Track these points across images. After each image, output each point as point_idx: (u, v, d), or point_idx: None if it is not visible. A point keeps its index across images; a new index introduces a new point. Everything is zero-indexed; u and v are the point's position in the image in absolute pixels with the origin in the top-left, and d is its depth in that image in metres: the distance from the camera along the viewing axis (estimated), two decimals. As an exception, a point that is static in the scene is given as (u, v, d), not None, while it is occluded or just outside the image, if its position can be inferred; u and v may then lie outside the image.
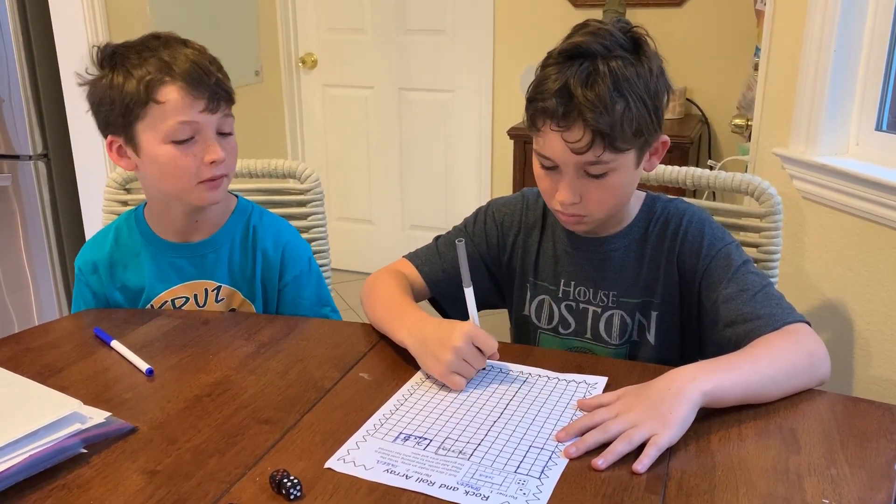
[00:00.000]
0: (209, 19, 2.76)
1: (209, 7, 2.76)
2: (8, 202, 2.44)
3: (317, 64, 3.30)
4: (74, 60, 2.35)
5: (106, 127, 1.13)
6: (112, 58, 1.11)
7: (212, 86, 1.10)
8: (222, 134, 1.14)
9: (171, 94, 1.08)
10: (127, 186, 1.45)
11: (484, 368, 0.98)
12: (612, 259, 1.12)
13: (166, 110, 1.08)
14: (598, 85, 0.94)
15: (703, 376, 0.87)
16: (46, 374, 0.98)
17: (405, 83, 3.19)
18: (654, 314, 1.11)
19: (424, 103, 3.19)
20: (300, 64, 3.31)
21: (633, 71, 0.96)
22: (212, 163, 1.11)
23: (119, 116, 1.10)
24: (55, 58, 2.37)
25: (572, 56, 0.97)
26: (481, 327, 0.98)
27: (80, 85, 1.14)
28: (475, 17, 3.00)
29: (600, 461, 0.78)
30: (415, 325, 1.00)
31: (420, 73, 3.16)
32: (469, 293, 1.00)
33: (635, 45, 0.99)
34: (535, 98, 1.00)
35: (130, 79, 1.08)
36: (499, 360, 0.99)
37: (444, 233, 1.24)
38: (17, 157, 2.39)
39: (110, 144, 1.14)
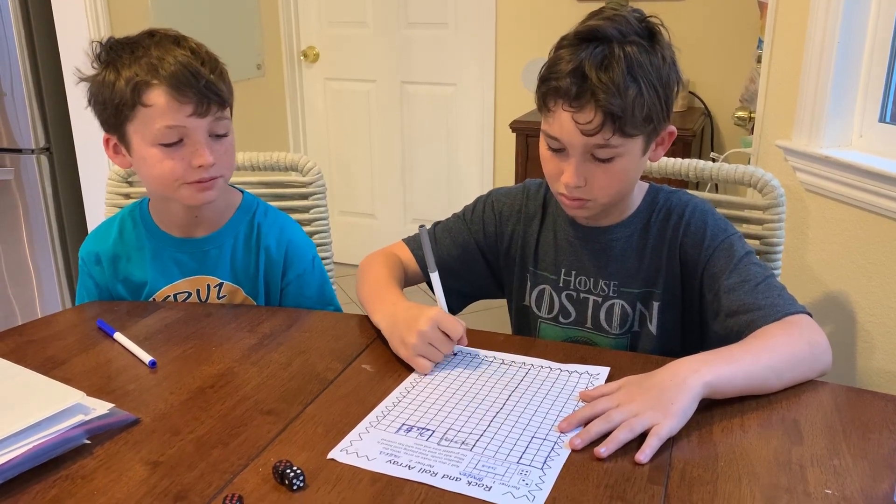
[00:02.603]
0: (210, 13, 2.75)
1: (210, 1, 2.75)
2: (10, 196, 2.45)
3: (319, 57, 3.30)
4: (76, 54, 2.35)
5: (102, 124, 1.13)
6: (108, 54, 1.09)
7: (200, 89, 1.06)
8: (217, 136, 1.11)
9: (157, 97, 1.06)
10: (129, 179, 1.45)
11: (455, 354, 1.01)
12: (614, 249, 1.12)
13: (153, 114, 1.06)
14: (612, 68, 0.94)
15: (704, 368, 0.87)
16: (49, 366, 0.98)
17: (407, 76, 3.19)
18: (655, 304, 1.11)
19: (426, 97, 3.19)
20: (302, 57, 3.30)
21: (647, 58, 0.97)
22: (199, 167, 1.09)
23: (111, 116, 1.09)
24: (57, 52, 2.37)
25: (588, 39, 0.97)
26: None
27: (79, 81, 1.13)
28: (477, 10, 2.99)
29: (602, 449, 0.78)
30: (389, 309, 1.04)
31: (422, 66, 3.15)
32: (435, 278, 1.03)
33: (650, 33, 0.99)
34: (548, 78, 1.00)
35: (119, 79, 1.06)
36: (467, 345, 1.01)
37: (443, 220, 1.24)
38: (19, 151, 2.39)
39: (107, 142, 1.14)
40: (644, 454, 0.78)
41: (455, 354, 1.01)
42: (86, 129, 2.42)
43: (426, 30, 3.10)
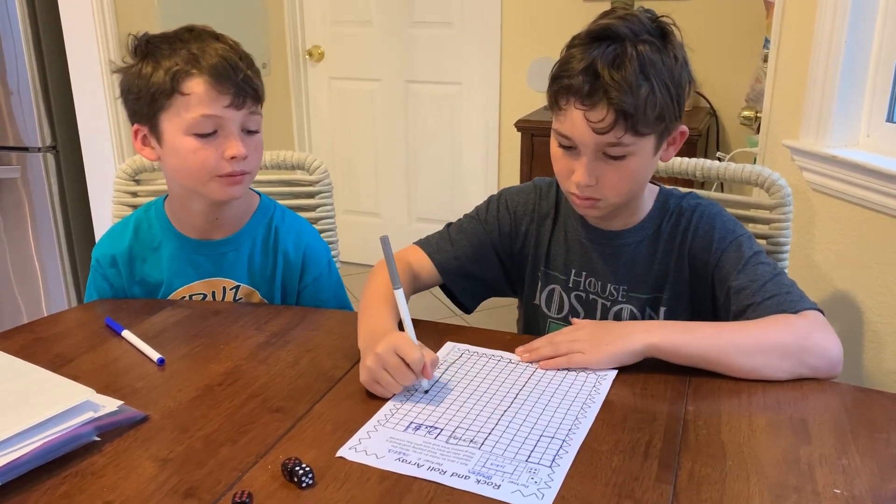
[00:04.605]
0: (216, 12, 2.76)
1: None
2: (17, 194, 2.45)
3: (324, 56, 3.30)
4: (83, 53, 2.36)
5: (133, 115, 1.14)
6: (145, 47, 1.11)
7: (238, 82, 1.09)
8: (248, 132, 1.13)
9: (196, 86, 1.08)
10: (136, 178, 1.45)
11: (426, 391, 0.91)
12: (624, 254, 1.12)
13: (190, 102, 1.08)
14: (624, 67, 0.95)
15: (655, 330, 0.96)
16: (58, 364, 0.99)
17: (412, 76, 3.19)
18: (662, 309, 1.11)
19: (431, 96, 3.19)
20: (307, 56, 3.31)
21: (659, 57, 0.97)
22: (232, 158, 1.10)
23: (145, 106, 1.10)
24: (63, 50, 2.37)
25: (600, 37, 0.97)
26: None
27: (113, 72, 1.15)
28: (483, 9, 2.99)
29: (532, 360, 0.98)
30: (369, 329, 0.98)
31: (427, 65, 3.15)
32: (399, 294, 0.94)
33: (662, 33, 0.99)
34: (560, 76, 0.99)
35: (159, 69, 1.08)
36: (431, 378, 0.91)
37: (454, 221, 1.24)
38: (25, 149, 2.39)
39: (136, 133, 1.15)
40: (545, 362, 0.96)
41: (426, 392, 0.91)
42: (92, 127, 2.42)
43: (431, 29, 3.10)
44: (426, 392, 0.91)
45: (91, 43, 2.34)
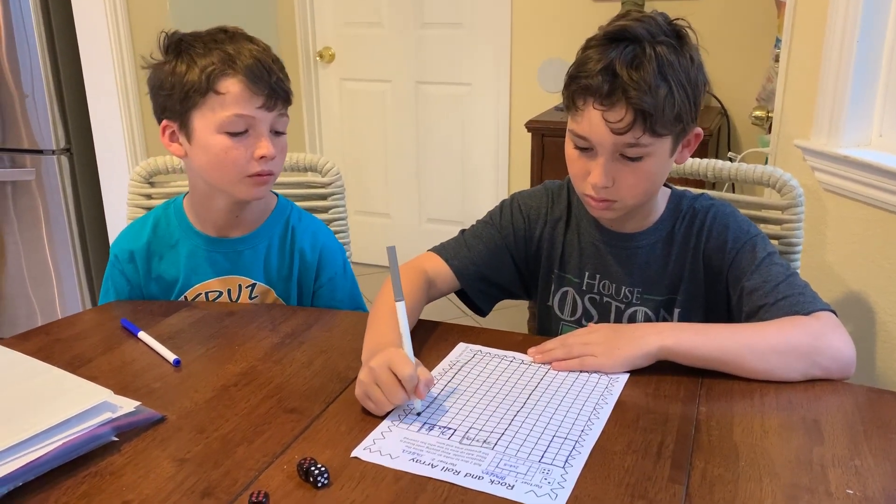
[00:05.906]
0: (227, 13, 2.77)
1: (227, 1, 2.78)
2: (31, 196, 2.48)
3: (334, 58, 3.31)
4: (97, 56, 2.38)
5: (162, 111, 1.15)
6: (178, 45, 1.13)
7: (272, 84, 1.12)
8: (276, 133, 1.16)
9: (231, 86, 1.10)
10: (151, 180, 1.47)
11: (418, 413, 0.87)
12: (638, 256, 1.12)
13: (225, 101, 1.10)
14: (643, 67, 0.95)
15: (668, 332, 0.96)
16: (76, 365, 1.00)
17: (422, 77, 3.20)
18: (676, 311, 1.12)
19: (441, 97, 3.20)
20: (318, 58, 3.32)
21: (676, 59, 0.97)
22: (261, 158, 1.12)
23: (177, 102, 1.12)
24: (77, 53, 2.40)
25: (617, 38, 0.97)
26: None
27: (144, 68, 1.17)
28: (492, 9, 2.99)
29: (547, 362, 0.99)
30: (373, 344, 0.96)
31: (437, 66, 3.16)
32: (400, 307, 0.89)
33: (678, 35, 1.00)
34: (577, 76, 0.99)
35: (194, 67, 1.10)
36: (423, 398, 0.87)
37: (467, 227, 1.24)
38: (40, 152, 2.42)
39: (164, 129, 1.16)
40: (557, 364, 0.97)
41: (419, 414, 0.87)
42: (106, 130, 2.45)
43: (441, 30, 3.11)
44: (419, 414, 0.87)
45: (105, 46, 2.36)
